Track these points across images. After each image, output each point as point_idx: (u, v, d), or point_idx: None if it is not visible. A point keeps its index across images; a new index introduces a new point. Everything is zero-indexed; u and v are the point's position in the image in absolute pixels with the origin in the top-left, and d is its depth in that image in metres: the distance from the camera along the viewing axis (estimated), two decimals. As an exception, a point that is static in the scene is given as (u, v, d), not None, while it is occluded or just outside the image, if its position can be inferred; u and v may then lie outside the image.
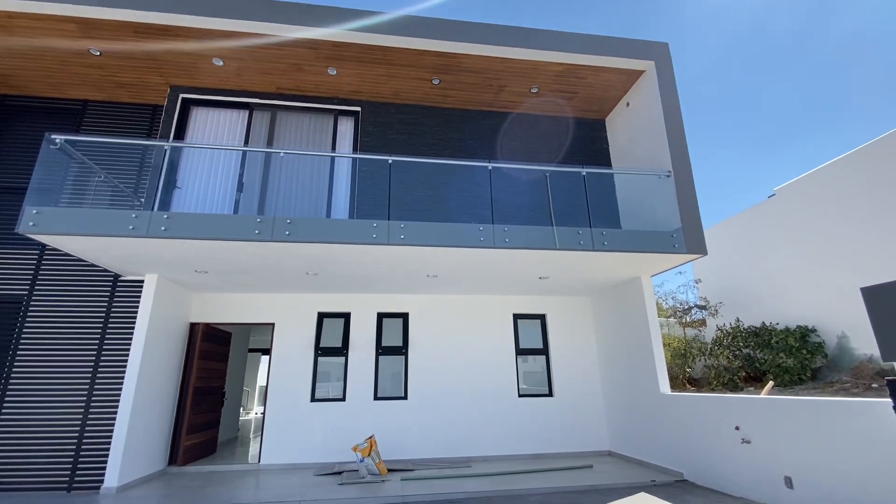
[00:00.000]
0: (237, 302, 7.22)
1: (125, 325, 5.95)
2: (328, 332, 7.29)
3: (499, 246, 5.25)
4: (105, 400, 5.61)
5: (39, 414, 5.43)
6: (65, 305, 5.88)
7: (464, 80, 6.76)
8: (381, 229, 5.08)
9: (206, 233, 4.68)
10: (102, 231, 4.50)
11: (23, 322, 5.72)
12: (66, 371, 5.65)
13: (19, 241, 6.00)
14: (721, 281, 12.03)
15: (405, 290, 7.32)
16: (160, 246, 4.91)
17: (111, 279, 6.10)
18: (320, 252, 5.24)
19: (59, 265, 6.01)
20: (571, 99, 7.31)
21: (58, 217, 4.47)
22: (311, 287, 6.95)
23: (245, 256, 5.35)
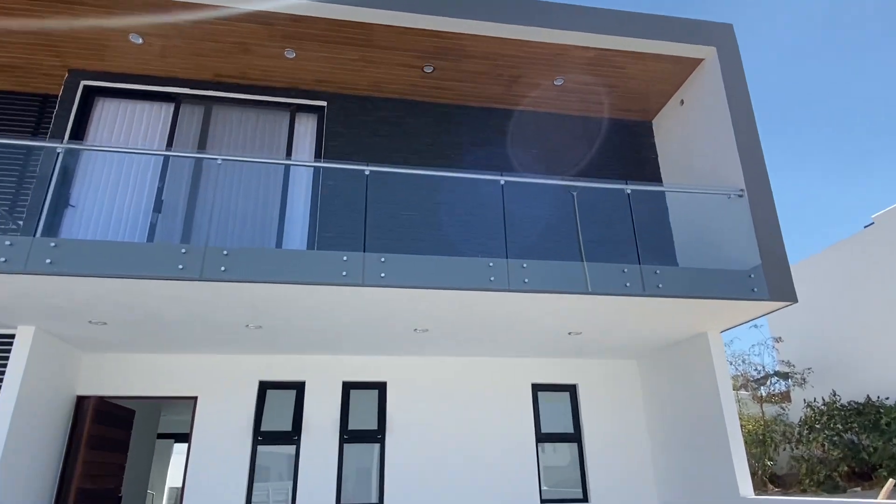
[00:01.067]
0: (146, 367, 6.96)
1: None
2: (273, 410, 7.02)
3: (515, 288, 5.15)
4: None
5: None
6: None
7: (465, 68, 6.88)
8: (354, 264, 4.96)
9: (109, 268, 4.50)
10: (-42, 264, 4.29)
11: None
12: None
13: None
14: (807, 339, 11.94)
15: (383, 351, 7.16)
16: (43, 286, 4.69)
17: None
18: (267, 296, 5.08)
19: None
20: (608, 94, 7.46)
21: None
22: (251, 345, 6.74)
23: (161, 302, 5.14)
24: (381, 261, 5.02)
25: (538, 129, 7.67)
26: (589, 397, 7.67)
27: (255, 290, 4.93)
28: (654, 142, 7.87)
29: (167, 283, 4.67)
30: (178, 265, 4.61)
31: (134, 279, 4.56)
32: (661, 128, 7.82)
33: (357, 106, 7.25)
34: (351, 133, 7.12)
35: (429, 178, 6.27)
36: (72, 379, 6.66)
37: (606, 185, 6.27)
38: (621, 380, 7.84)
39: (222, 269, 4.68)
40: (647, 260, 5.74)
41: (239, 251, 4.81)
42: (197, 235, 5.78)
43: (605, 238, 6.54)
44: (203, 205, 5.96)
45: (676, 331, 6.61)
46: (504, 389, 7.51)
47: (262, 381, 7.11)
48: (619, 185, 6.10)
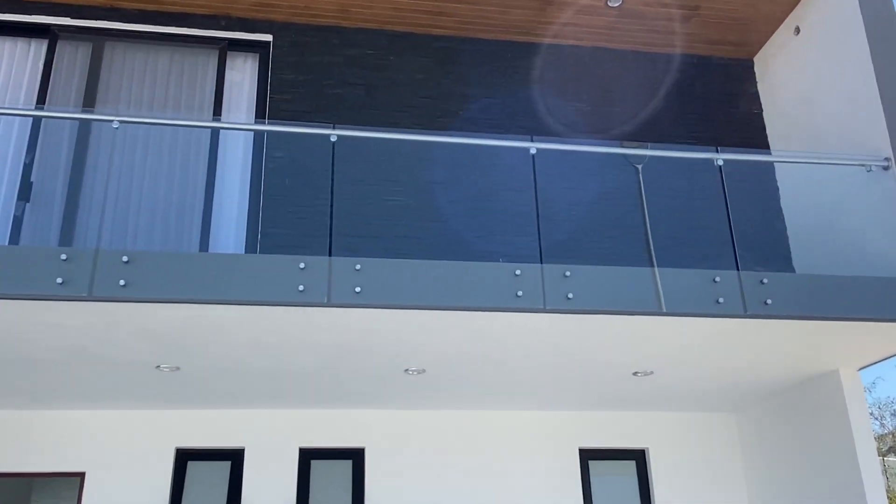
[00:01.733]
0: (8, 429, 6.92)
1: None
2: (196, 492, 7.01)
3: (554, 308, 5.13)
4: None
5: None
6: None
7: (477, -16, 6.90)
8: (316, 274, 4.94)
9: (-49, 282, 4.47)
10: None
11: None
12: None
13: None
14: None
15: (359, 402, 7.18)
16: None
17: None
18: (187, 323, 5.06)
19: None
20: (686, 19, 7.45)
21: None
22: (164, 397, 6.74)
23: (32, 332, 5.12)
24: (355, 269, 4.99)
25: (584, 72, 7.66)
26: (665, 467, 7.64)
27: (170, 313, 4.91)
28: (756, 90, 7.86)
29: (41, 304, 4.64)
30: (57, 278, 4.59)
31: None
32: (768, 69, 7.79)
33: (317, 42, 7.25)
34: (309, 81, 7.12)
35: (424, 146, 6.26)
36: None
37: (687, 155, 6.26)
38: (712, 441, 7.80)
39: (121, 283, 4.66)
40: (750, 264, 5.72)
41: (145, 257, 4.79)
42: (83, 234, 5.77)
43: (684, 232, 6.53)
44: (92, 189, 5.96)
45: (793, 368, 6.58)
46: (538, 458, 7.49)
47: (180, 448, 7.10)
48: (706, 153, 6.08)
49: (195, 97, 6.83)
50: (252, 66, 7.15)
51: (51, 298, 4.59)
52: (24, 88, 6.66)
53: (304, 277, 4.93)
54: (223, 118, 6.73)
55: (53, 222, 5.88)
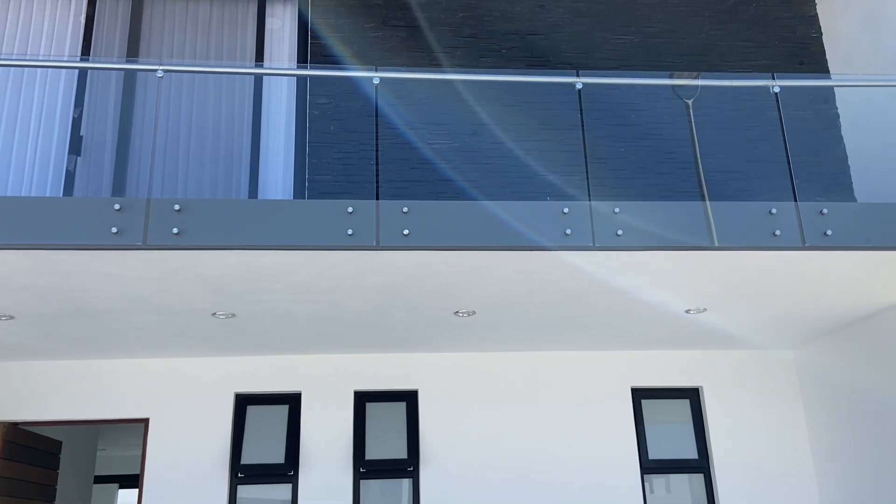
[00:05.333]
0: (74, 379, 7.22)
1: None
2: (257, 435, 7.24)
3: (603, 245, 5.09)
4: None
5: None
6: None
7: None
8: (364, 218, 4.97)
9: (12, 235, 4.61)
10: None
11: None
12: None
13: None
14: None
15: (411, 346, 7.27)
16: (-80, 265, 4.85)
17: None
18: (240, 270, 5.16)
19: None
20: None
21: None
22: (222, 344, 6.91)
23: (89, 283, 5.28)
24: (402, 212, 5.01)
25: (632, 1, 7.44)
26: (720, 406, 7.62)
27: (221, 260, 5.01)
28: (815, 13, 7.54)
29: (97, 254, 4.77)
30: (112, 228, 4.70)
31: (48, 250, 4.67)
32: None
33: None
34: (348, 25, 7.06)
35: (468, 85, 6.19)
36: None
37: (741, 83, 6.07)
38: (769, 379, 7.74)
39: (174, 231, 4.75)
40: (808, 195, 5.58)
41: (196, 204, 4.86)
42: (134, 185, 5.89)
43: (738, 165, 6.38)
44: (140, 140, 6.05)
45: (854, 302, 6.45)
46: (590, 398, 7.55)
47: (238, 393, 7.33)
48: (761, 80, 5.88)
49: (236, 46, 6.84)
50: (292, 12, 7.11)
51: (107, 248, 4.71)
52: (67, 44, 6.74)
53: (353, 221, 4.97)
54: (266, 65, 6.74)
55: (105, 174, 6.01)
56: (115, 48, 6.72)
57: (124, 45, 6.71)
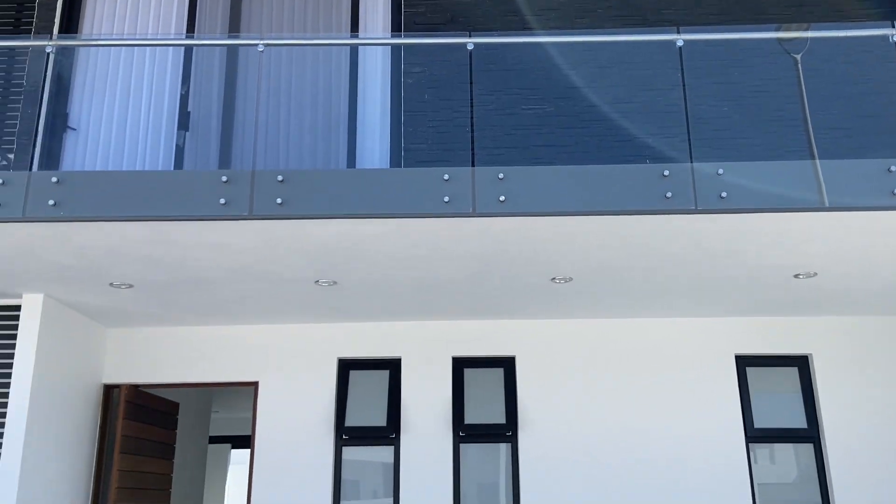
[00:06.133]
0: (188, 345, 7.60)
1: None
2: (359, 399, 7.45)
3: (706, 207, 4.94)
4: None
5: None
6: None
7: None
8: (460, 185, 4.99)
9: (129, 207, 4.87)
10: (-51, 213, 4.85)
11: None
12: None
13: None
14: None
15: (509, 313, 7.29)
16: (48, 236, 5.17)
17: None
18: (339, 238, 5.27)
19: None
20: None
21: None
22: (324, 311, 7.13)
23: (200, 253, 5.52)
24: (499, 178, 5.00)
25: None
26: (831, 375, 7.34)
27: (323, 229, 5.13)
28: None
29: (207, 224, 4.98)
30: (220, 199, 4.89)
31: (163, 221, 4.90)
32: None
33: (448, -51, 7.11)
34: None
35: (562, 48, 6.07)
36: (95, 362, 7.44)
37: (855, 33, 5.72)
38: (884, 347, 7.40)
39: (278, 201, 4.90)
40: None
41: (298, 175, 5.00)
42: (238, 157, 6.08)
43: (851, 122, 6.05)
44: (243, 114, 6.23)
45: (981, 265, 6.03)
46: (692, 366, 7.40)
47: (341, 358, 7.54)
48: (878, 29, 5.53)
49: (332, 18, 6.92)
50: (385, -19, 7.13)
51: (215, 218, 4.91)
52: (173, 23, 6.97)
53: (449, 188, 4.99)
54: (361, 34, 6.80)
55: (211, 148, 6.23)
56: (217, 25, 6.92)
57: (226, 21, 6.90)
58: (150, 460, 7.93)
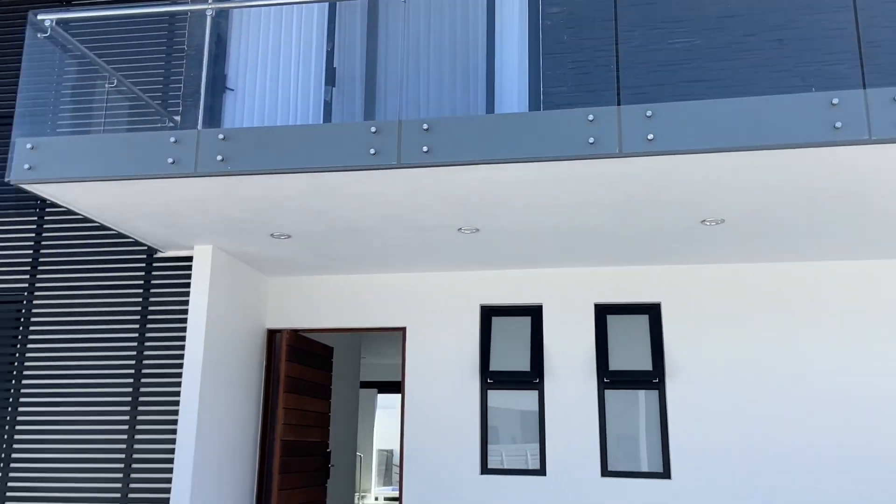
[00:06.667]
0: (342, 292, 7.95)
1: (169, 336, 6.94)
2: (501, 344, 7.55)
3: (882, 137, 4.54)
4: (152, 462, 6.69)
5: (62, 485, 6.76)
6: (78, 309, 7.12)
7: None
8: (605, 125, 4.83)
9: (288, 161, 5.06)
10: (128, 171, 5.22)
11: (26, 335, 7.12)
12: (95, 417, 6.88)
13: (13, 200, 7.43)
14: None
15: (652, 258, 7.15)
16: (216, 190, 5.50)
17: (143, 257, 7.16)
18: (484, 184, 5.28)
19: (64, 239, 7.28)
20: None
21: (62, 152, 5.34)
22: (467, 258, 7.21)
23: (351, 203, 5.69)
24: (646, 115, 4.81)
25: None
26: None
27: (466, 175, 5.14)
28: None
29: (357, 175, 5.11)
30: (370, 149, 4.99)
31: (319, 173, 5.07)
32: None
33: None
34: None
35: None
36: (259, 309, 7.91)
37: None
38: None
39: (424, 149, 4.95)
40: None
41: (442, 123, 5.01)
42: (382, 109, 6.18)
43: None
44: (384, 66, 6.31)
45: None
46: (856, 311, 6.99)
47: (483, 305, 7.63)
48: None
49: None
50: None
51: (366, 168, 5.03)
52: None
53: (594, 129, 4.86)
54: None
55: (356, 101, 6.37)
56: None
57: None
58: (310, 399, 8.40)
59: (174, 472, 6.44)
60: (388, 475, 19.27)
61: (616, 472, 7.06)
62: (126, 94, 6.83)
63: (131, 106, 6.96)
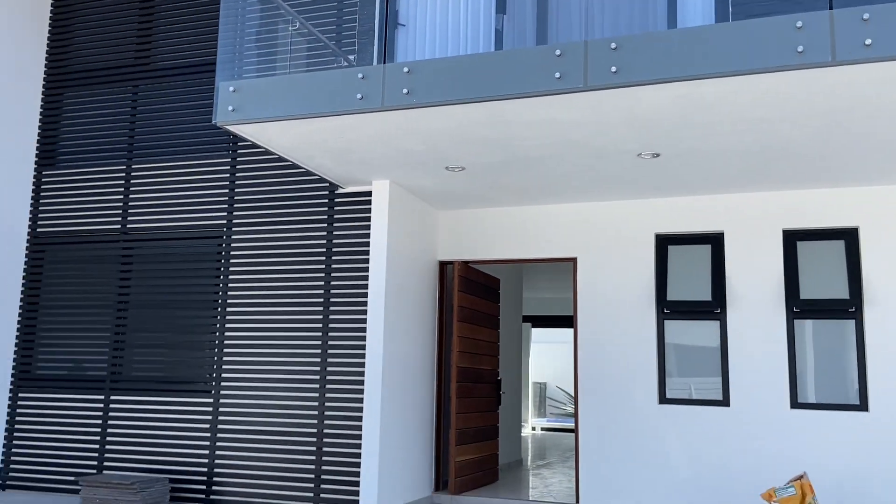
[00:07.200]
0: (510, 224, 7.99)
1: (351, 268, 7.27)
2: (679, 273, 7.39)
3: None
4: (341, 384, 7.09)
5: (262, 405, 7.31)
6: (270, 243, 7.56)
7: None
8: (814, 31, 4.47)
9: (471, 90, 5.06)
10: (320, 108, 5.41)
11: (227, 267, 7.67)
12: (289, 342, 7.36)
13: (208, 143, 7.93)
14: None
15: (847, 180, 6.71)
16: (399, 124, 5.61)
17: (326, 193, 7.48)
18: (676, 102, 5.06)
19: (255, 178, 7.71)
20: None
21: (261, 93, 5.61)
22: (644, 185, 7.05)
23: (528, 131, 5.64)
24: (862, 19, 4.40)
25: None
26: None
27: (656, 95, 4.95)
28: None
29: (539, 101, 5.03)
30: (555, 73, 4.90)
31: (501, 101, 5.04)
32: None
33: None
34: None
35: None
36: (430, 241, 8.10)
37: None
38: None
39: (612, 69, 4.79)
40: None
41: (632, 41, 4.82)
42: (555, 33, 6.02)
43: None
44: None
45: None
46: None
47: (659, 234, 7.44)
48: None
49: None
50: None
51: (551, 93, 4.93)
52: None
53: (803, 37, 4.51)
54: None
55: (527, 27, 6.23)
56: None
57: None
58: (481, 329, 8.58)
59: (365, 391, 6.79)
60: (541, 407, 19.55)
61: (807, 403, 6.78)
62: (306, 37, 7.04)
63: (309, 48, 7.18)
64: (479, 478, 8.42)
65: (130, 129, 8.30)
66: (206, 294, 7.72)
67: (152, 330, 7.90)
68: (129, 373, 7.92)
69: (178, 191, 8.02)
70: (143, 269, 8.04)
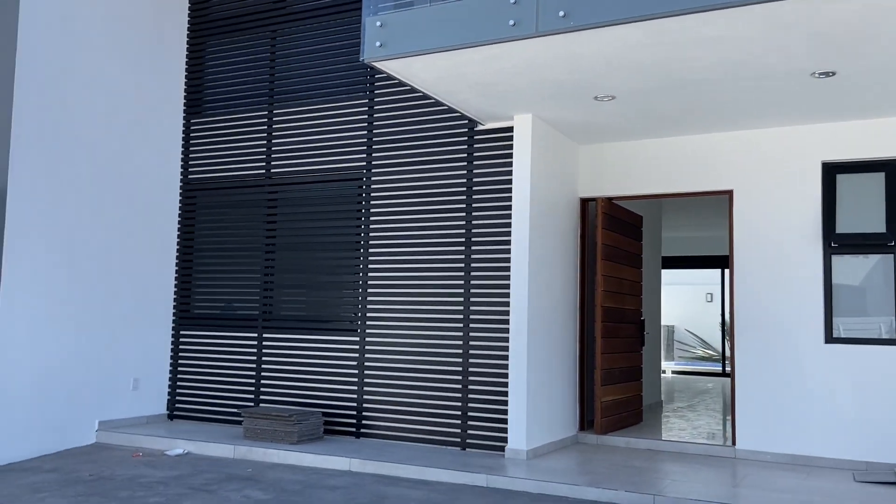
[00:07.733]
0: (658, 157, 7.63)
1: (492, 206, 7.12)
2: (849, 204, 6.84)
3: None
4: (484, 323, 7.03)
5: (406, 343, 7.37)
6: (410, 183, 7.51)
7: None
8: None
9: (632, 8, 4.71)
10: (471, 38, 5.21)
11: (368, 208, 7.70)
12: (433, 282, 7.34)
13: (344, 86, 7.92)
14: None
15: None
16: (550, 51, 5.34)
17: (465, 131, 7.33)
18: (860, 13, 4.54)
19: (393, 118, 7.65)
20: None
21: (408, 26, 5.46)
22: (811, 109, 6.56)
23: (690, 51, 5.26)
24: None
25: None
26: None
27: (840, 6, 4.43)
28: None
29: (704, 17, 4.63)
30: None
31: (661, 18, 4.68)
32: None
33: None
34: None
35: None
36: (572, 177, 7.86)
37: None
38: None
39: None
40: None
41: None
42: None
43: None
44: None
45: None
46: None
47: (826, 161, 6.90)
48: None
49: None
50: None
51: (714, 9, 4.51)
52: None
53: None
54: None
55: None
56: None
57: None
58: (624, 267, 8.30)
59: (510, 330, 6.73)
60: (669, 351, 19.06)
61: None
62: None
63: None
64: (625, 418, 8.26)
65: (270, 74, 8.39)
66: (349, 236, 7.81)
67: (299, 271, 8.09)
68: (278, 312, 8.17)
69: (318, 134, 8.08)
70: (287, 213, 8.21)
